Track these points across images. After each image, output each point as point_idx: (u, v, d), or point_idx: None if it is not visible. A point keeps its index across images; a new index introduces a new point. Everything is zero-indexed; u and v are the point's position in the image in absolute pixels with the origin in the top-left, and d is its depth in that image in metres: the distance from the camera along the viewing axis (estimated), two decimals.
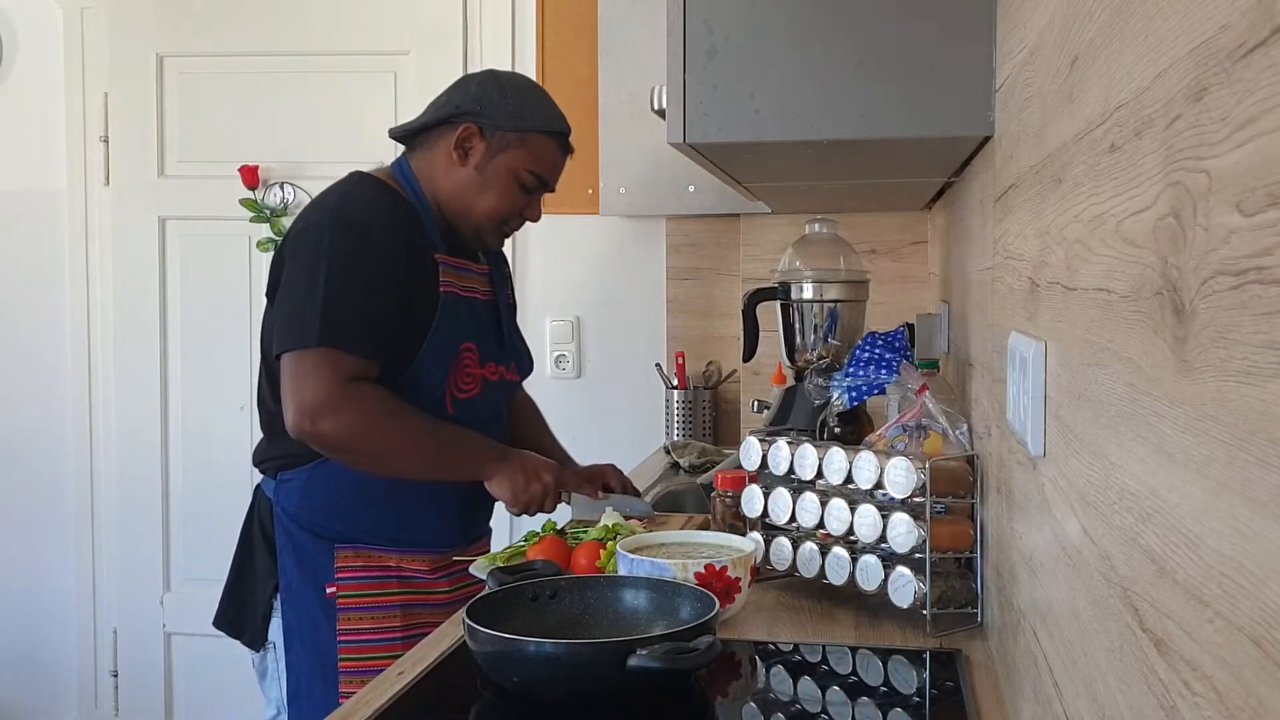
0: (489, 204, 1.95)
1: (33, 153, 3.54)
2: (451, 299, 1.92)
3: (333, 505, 1.92)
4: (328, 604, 1.90)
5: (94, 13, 3.45)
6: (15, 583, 3.61)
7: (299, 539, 1.92)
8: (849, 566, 1.58)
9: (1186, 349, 0.55)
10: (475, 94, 1.95)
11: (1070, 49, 0.88)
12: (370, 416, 1.81)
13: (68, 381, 3.55)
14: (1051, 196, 0.97)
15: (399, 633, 1.89)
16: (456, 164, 1.94)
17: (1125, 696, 0.68)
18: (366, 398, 1.81)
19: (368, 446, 1.84)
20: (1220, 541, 0.50)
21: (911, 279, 3.01)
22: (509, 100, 1.94)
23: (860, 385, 1.88)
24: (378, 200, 1.91)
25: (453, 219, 1.97)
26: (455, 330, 1.92)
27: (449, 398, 1.92)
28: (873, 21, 1.44)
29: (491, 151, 1.94)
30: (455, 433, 1.90)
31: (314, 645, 1.90)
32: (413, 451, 1.87)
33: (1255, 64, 0.46)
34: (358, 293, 1.82)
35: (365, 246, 1.84)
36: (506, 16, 3.27)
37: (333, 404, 1.77)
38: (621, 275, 3.28)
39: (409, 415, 1.84)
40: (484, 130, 1.93)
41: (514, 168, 1.94)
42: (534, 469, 1.92)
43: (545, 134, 1.96)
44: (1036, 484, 1.05)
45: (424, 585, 1.95)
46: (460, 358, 1.93)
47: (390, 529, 1.93)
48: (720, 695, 1.38)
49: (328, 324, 1.78)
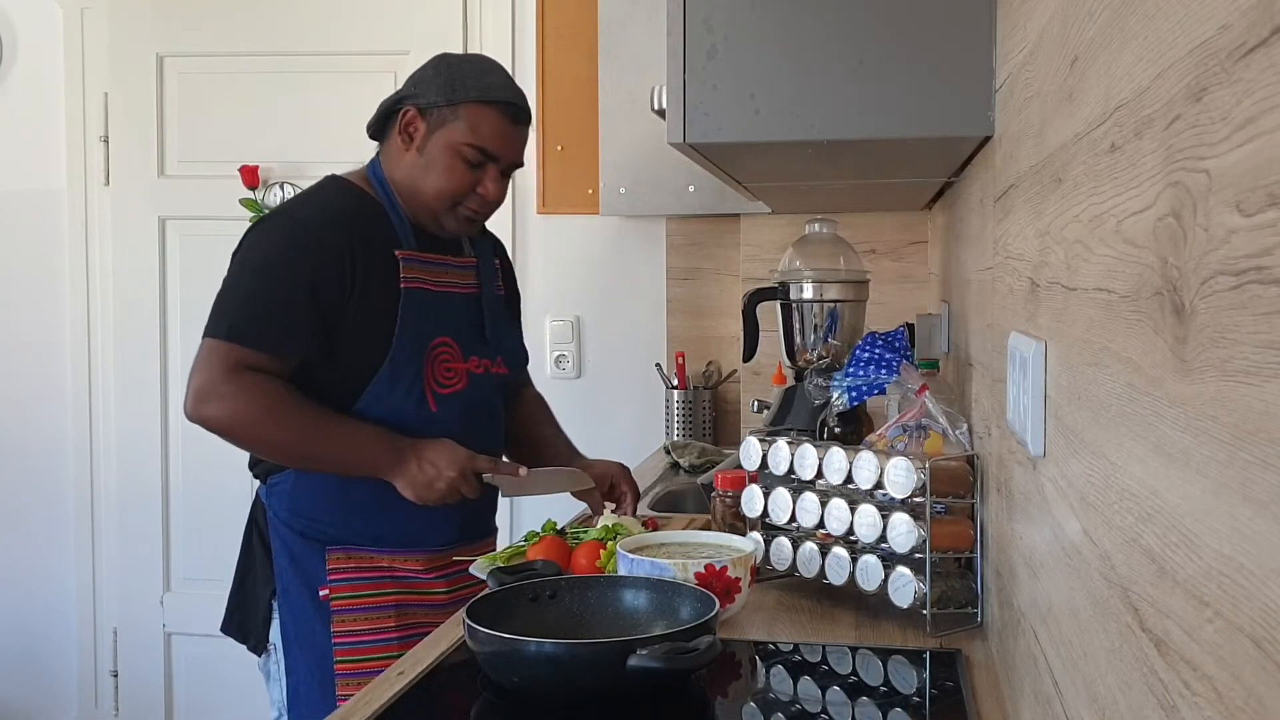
0: (434, 184, 1.91)
1: (33, 153, 3.53)
2: (417, 294, 1.90)
3: (320, 507, 1.91)
4: (322, 607, 1.89)
5: (94, 13, 3.45)
6: (15, 583, 3.61)
7: (291, 542, 1.92)
8: (849, 566, 1.58)
9: (1186, 349, 0.55)
10: (415, 78, 1.94)
11: (1070, 49, 0.88)
12: (253, 407, 1.81)
13: (68, 381, 3.55)
14: (1051, 196, 0.97)
15: (394, 633, 1.88)
16: (403, 150, 1.93)
17: (1125, 697, 0.68)
18: (252, 387, 1.80)
19: (251, 435, 1.85)
20: (1220, 541, 0.50)
21: (911, 279, 3.00)
22: (443, 75, 1.91)
23: (860, 385, 1.88)
24: (329, 202, 1.92)
25: (410, 207, 1.94)
26: (424, 325, 1.90)
27: (429, 394, 1.91)
28: (873, 21, 1.44)
29: (430, 130, 1.91)
30: (348, 431, 1.86)
31: (311, 648, 1.90)
32: (298, 445, 1.86)
33: (1255, 64, 0.46)
34: (275, 289, 1.84)
35: (298, 244, 1.85)
36: (506, 16, 3.27)
37: (219, 390, 1.79)
38: (621, 275, 3.28)
39: (298, 411, 1.83)
40: (422, 110, 1.91)
41: (452, 142, 1.90)
42: (434, 465, 1.85)
43: (480, 103, 1.90)
44: (1036, 484, 1.05)
45: (419, 585, 1.94)
46: (435, 352, 1.91)
47: (379, 529, 1.91)
48: (720, 695, 1.38)
49: (237, 317, 1.82)
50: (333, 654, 1.88)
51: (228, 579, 2.06)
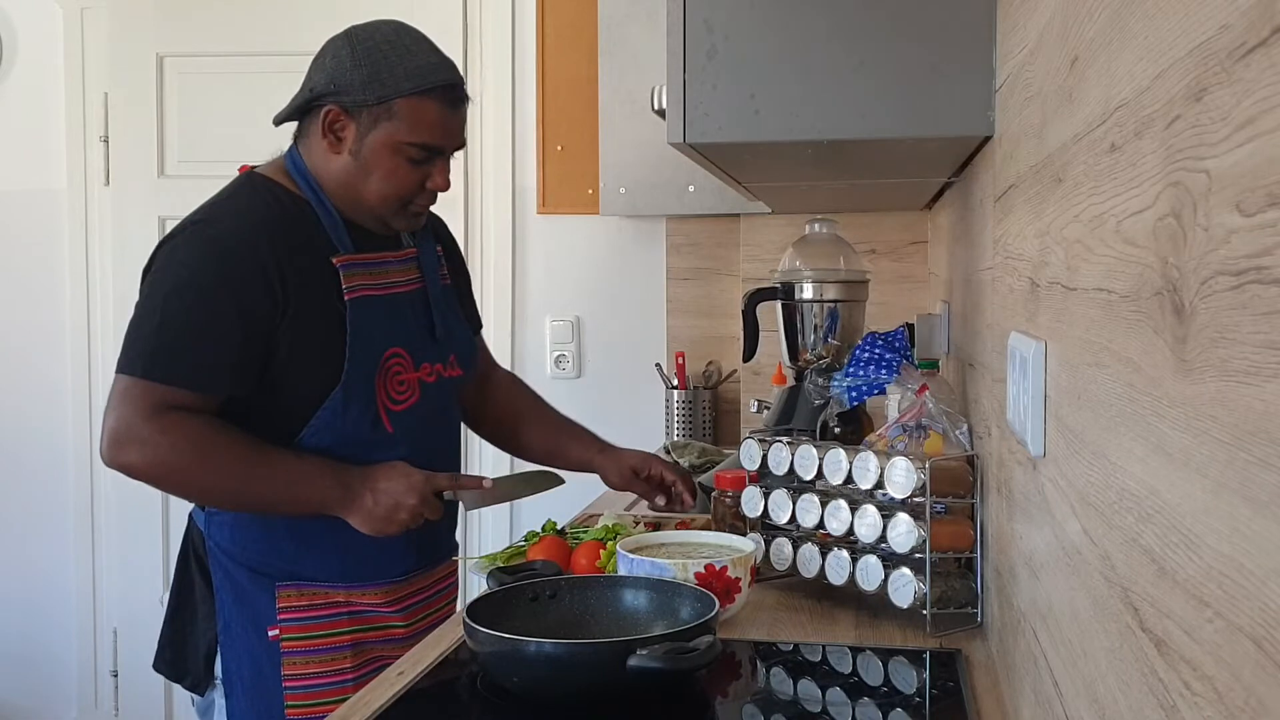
0: (377, 189, 1.72)
1: (33, 153, 3.53)
2: (364, 303, 1.72)
3: (268, 539, 1.74)
4: (271, 647, 1.73)
5: (94, 13, 3.45)
6: (15, 583, 3.61)
7: (236, 576, 1.75)
8: (849, 567, 1.58)
9: (1186, 349, 0.55)
10: (330, 68, 1.72)
11: (1070, 49, 0.88)
12: (178, 452, 1.64)
13: (68, 382, 3.55)
14: (1051, 196, 0.97)
15: (350, 674, 1.74)
16: (331, 151, 1.73)
17: (1125, 696, 0.68)
18: (179, 428, 1.63)
19: (179, 483, 1.72)
20: (1220, 541, 0.50)
21: (911, 279, 3.01)
22: (363, 69, 1.69)
23: (860, 385, 1.88)
24: (248, 208, 1.74)
25: (347, 211, 1.75)
26: (375, 337, 1.73)
27: (384, 413, 1.74)
28: (873, 21, 1.44)
29: (362, 131, 1.71)
30: (290, 468, 1.68)
31: (257, 691, 1.73)
32: (232, 491, 1.69)
33: (1255, 64, 0.46)
34: (194, 320, 1.65)
35: (215, 267, 1.67)
36: (506, 16, 3.27)
37: (136, 435, 1.63)
38: (621, 275, 3.28)
39: (230, 450, 1.66)
40: (348, 110, 1.71)
41: (391, 143, 1.70)
42: (390, 495, 1.69)
43: (415, 96, 1.69)
44: (1036, 484, 1.05)
45: (377, 620, 1.79)
46: (387, 366, 1.74)
47: (335, 563, 1.75)
48: (720, 695, 1.38)
49: (154, 353, 1.64)
50: (283, 698, 1.72)
51: None
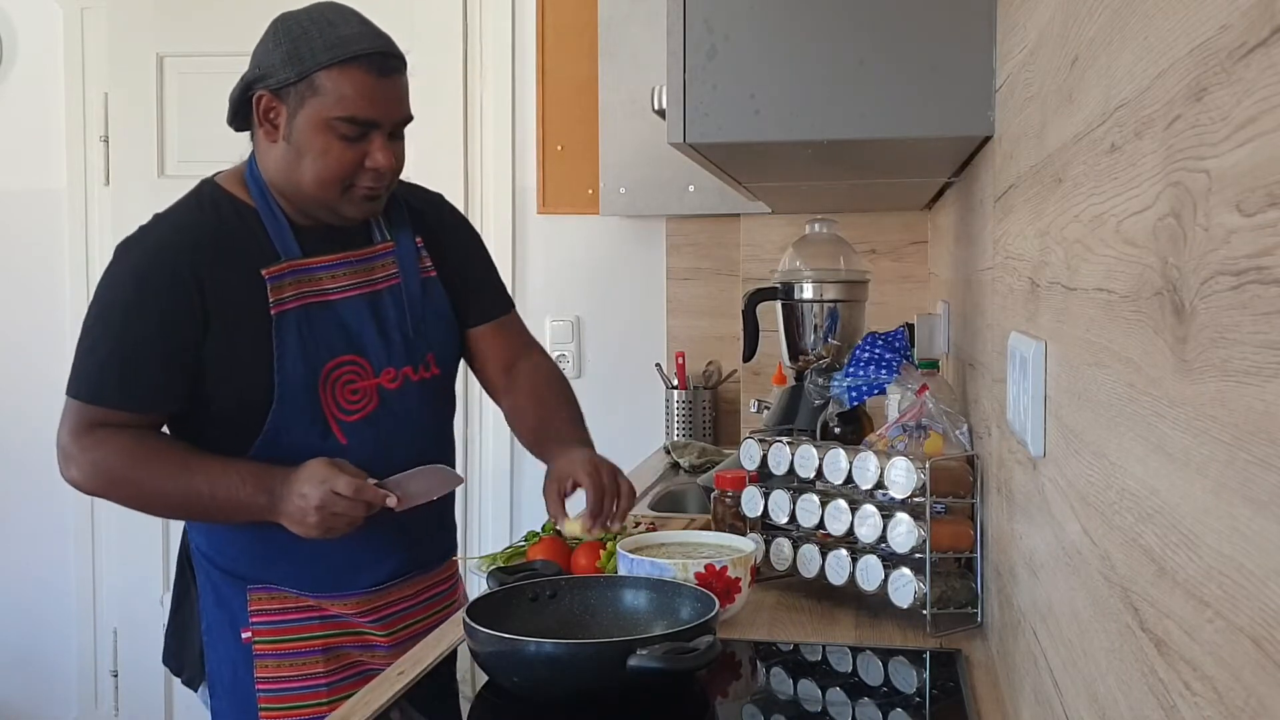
0: (312, 172, 1.65)
1: (33, 153, 3.53)
2: (293, 316, 1.66)
3: (239, 543, 1.73)
4: (245, 649, 1.72)
5: (94, 13, 3.45)
6: (15, 582, 3.61)
7: (214, 577, 1.75)
8: (849, 567, 1.58)
9: (1186, 349, 0.55)
10: (256, 54, 1.67)
11: (1070, 49, 0.88)
12: (108, 465, 1.65)
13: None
14: (1051, 196, 0.97)
15: (322, 679, 1.71)
16: (268, 140, 1.68)
17: (1125, 696, 0.68)
18: (103, 445, 1.64)
19: (117, 495, 1.70)
20: (1220, 541, 0.50)
21: (911, 279, 3.01)
22: (284, 45, 1.63)
23: (860, 385, 1.88)
24: (183, 221, 1.69)
25: (295, 203, 1.70)
26: (310, 349, 1.67)
27: (334, 424, 1.69)
28: (872, 21, 1.44)
29: (290, 112, 1.64)
30: (216, 473, 1.63)
31: (234, 692, 1.73)
32: (165, 499, 1.69)
33: (1255, 64, 0.46)
34: (120, 336, 1.64)
35: (133, 286, 1.64)
36: (506, 16, 3.27)
37: (69, 453, 1.65)
38: (621, 275, 3.28)
39: (156, 459, 1.65)
40: (276, 92, 1.64)
41: (318, 119, 1.62)
42: (317, 501, 1.59)
43: (335, 66, 1.61)
44: (1036, 484, 1.05)
45: (352, 626, 1.75)
46: (332, 377, 1.68)
47: (301, 571, 1.71)
48: (720, 695, 1.38)
49: (81, 372, 1.65)
50: (256, 700, 1.71)
51: None
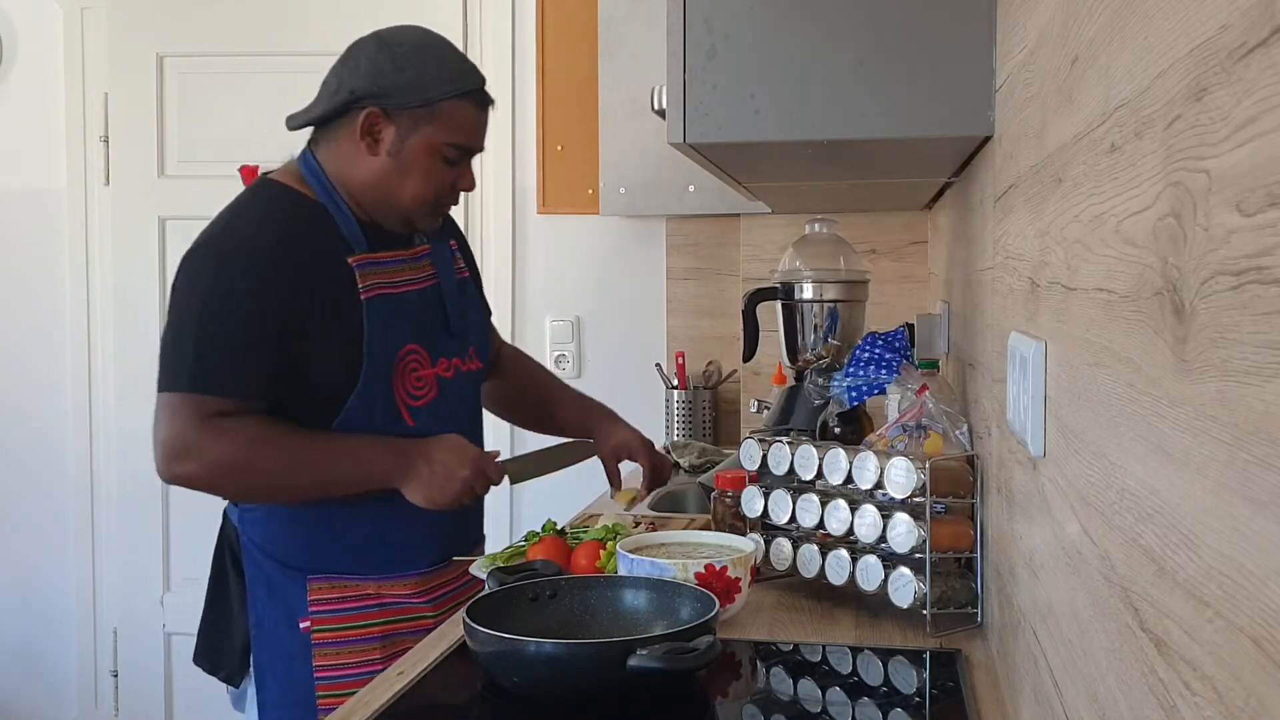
0: (414, 189, 1.78)
1: (33, 153, 3.53)
2: (378, 302, 1.76)
3: (299, 534, 1.79)
4: (303, 639, 1.77)
5: (94, 13, 3.45)
6: (15, 583, 3.61)
7: (269, 570, 1.80)
8: (849, 567, 1.58)
9: (1186, 349, 0.55)
10: (369, 71, 1.76)
11: (1070, 49, 0.88)
12: (236, 450, 1.70)
13: (68, 381, 3.55)
14: (1051, 196, 0.97)
15: (379, 665, 1.74)
16: (367, 153, 1.78)
17: (1125, 696, 0.68)
18: (230, 431, 1.70)
19: (240, 480, 1.75)
20: (1220, 541, 0.50)
21: (911, 279, 3.01)
22: (407, 72, 1.75)
23: (860, 385, 1.88)
24: (265, 218, 1.78)
25: (374, 210, 1.81)
26: (390, 335, 1.77)
27: (403, 409, 1.79)
28: (872, 21, 1.44)
29: (403, 133, 1.76)
30: (345, 445, 1.75)
31: (289, 682, 1.78)
32: (294, 476, 1.75)
33: (1255, 64, 0.46)
34: (229, 330, 1.71)
35: (240, 277, 1.71)
36: (506, 16, 3.27)
37: (194, 445, 1.69)
38: (621, 275, 3.28)
39: (284, 439, 1.72)
40: (389, 112, 1.76)
41: (431, 144, 1.77)
42: (446, 466, 1.76)
43: (456, 99, 1.77)
44: (1036, 484, 1.05)
45: (408, 611, 1.83)
46: (403, 364, 1.79)
47: (365, 555, 1.80)
48: (720, 695, 1.38)
49: (195, 366, 1.71)
50: (315, 689, 1.76)
51: None
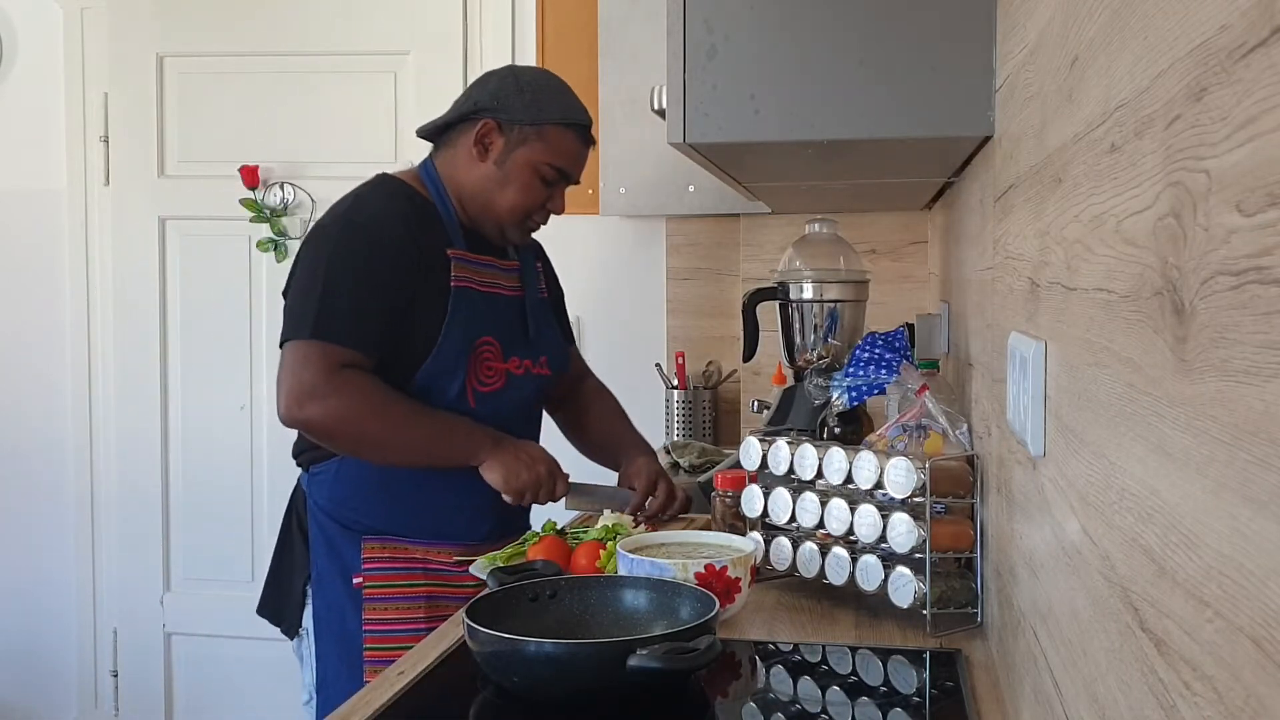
0: (510, 198, 1.99)
1: (33, 153, 3.53)
2: (466, 293, 1.96)
3: (360, 497, 1.97)
4: (355, 594, 1.94)
5: (94, 13, 3.45)
6: (15, 583, 3.61)
7: (329, 530, 1.97)
8: (849, 566, 1.58)
9: (1186, 349, 0.55)
10: (493, 89, 1.99)
11: (1070, 49, 0.88)
12: (356, 403, 1.86)
13: (67, 381, 3.55)
14: (1051, 196, 0.97)
15: (423, 624, 1.91)
16: (476, 160, 1.99)
17: (1125, 696, 0.68)
18: (353, 384, 1.85)
19: (354, 432, 1.89)
20: (1220, 541, 0.50)
21: (911, 279, 3.01)
22: (526, 95, 1.98)
23: (860, 385, 1.88)
24: (388, 201, 1.97)
25: (475, 215, 2.01)
26: (471, 324, 1.96)
27: (470, 391, 1.96)
28: (873, 21, 1.44)
29: (510, 146, 1.97)
30: (446, 419, 1.93)
31: (341, 634, 1.95)
32: (400, 437, 1.91)
33: (1255, 64, 0.46)
34: (353, 288, 1.88)
35: (365, 245, 1.90)
36: (506, 16, 3.27)
37: (320, 390, 1.84)
38: (621, 275, 3.28)
39: (397, 402, 1.89)
40: (502, 125, 1.97)
41: (533, 161, 1.97)
42: (528, 457, 1.95)
43: (563, 126, 1.99)
44: (1036, 484, 1.05)
45: (449, 578, 1.98)
46: (478, 351, 1.97)
47: (417, 520, 1.97)
48: (720, 695, 1.38)
49: (321, 317, 1.86)
50: (362, 640, 1.93)
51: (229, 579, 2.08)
